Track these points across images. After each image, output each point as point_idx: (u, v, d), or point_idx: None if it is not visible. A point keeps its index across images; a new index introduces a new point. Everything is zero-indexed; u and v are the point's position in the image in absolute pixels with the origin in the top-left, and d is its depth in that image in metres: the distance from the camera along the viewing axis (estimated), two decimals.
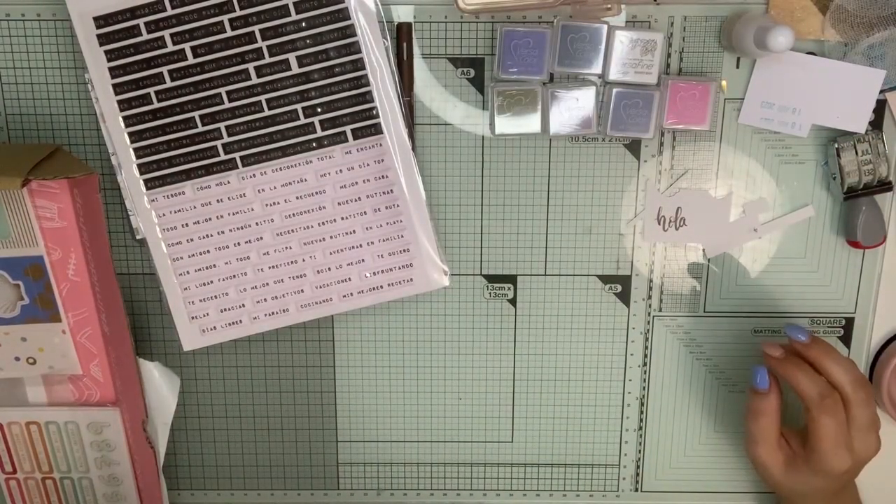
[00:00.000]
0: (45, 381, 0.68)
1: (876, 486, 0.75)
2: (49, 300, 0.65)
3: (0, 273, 0.64)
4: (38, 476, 0.71)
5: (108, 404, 0.69)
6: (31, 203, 0.62)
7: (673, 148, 0.68)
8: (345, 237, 0.66)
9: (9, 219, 0.62)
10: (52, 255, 0.63)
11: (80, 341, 0.66)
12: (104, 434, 0.69)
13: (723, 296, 0.71)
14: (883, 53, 0.64)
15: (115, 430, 0.69)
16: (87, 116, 0.67)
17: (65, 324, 0.66)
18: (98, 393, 0.68)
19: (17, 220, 0.62)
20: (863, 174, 0.67)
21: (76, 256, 0.63)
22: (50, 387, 0.68)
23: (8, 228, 0.62)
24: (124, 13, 0.62)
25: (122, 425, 0.69)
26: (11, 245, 0.63)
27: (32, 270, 0.64)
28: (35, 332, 0.66)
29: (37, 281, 0.64)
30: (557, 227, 0.69)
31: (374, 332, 0.72)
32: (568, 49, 0.63)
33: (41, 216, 0.62)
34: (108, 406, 0.69)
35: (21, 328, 0.66)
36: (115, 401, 0.69)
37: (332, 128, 0.64)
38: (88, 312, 0.65)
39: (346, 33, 0.63)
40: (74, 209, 0.62)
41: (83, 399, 0.69)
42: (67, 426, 0.69)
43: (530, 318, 0.71)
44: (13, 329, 0.65)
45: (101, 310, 0.66)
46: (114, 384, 0.68)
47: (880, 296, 0.71)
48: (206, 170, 0.65)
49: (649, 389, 0.73)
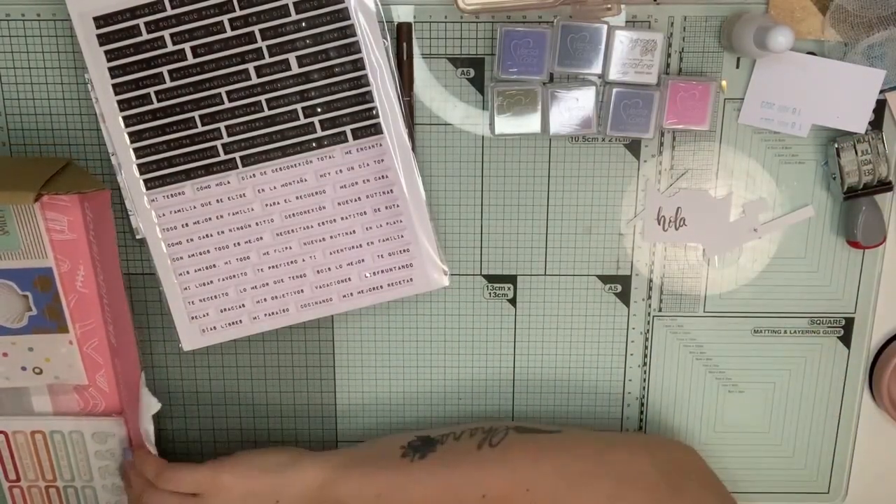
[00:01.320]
0: (50, 390, 0.68)
1: (876, 485, 0.75)
2: (57, 311, 0.65)
3: (9, 284, 0.64)
4: (41, 484, 0.71)
5: (113, 414, 0.69)
6: (41, 215, 0.62)
7: (673, 148, 0.68)
8: (345, 237, 0.66)
9: (19, 231, 0.62)
10: (61, 266, 0.64)
11: (86, 352, 0.66)
12: (108, 444, 0.69)
13: (723, 296, 0.71)
14: (883, 53, 0.64)
15: (120, 439, 0.69)
16: (87, 116, 0.67)
17: (72, 334, 0.66)
18: (103, 403, 0.69)
19: (27, 232, 0.63)
20: (863, 174, 0.67)
21: (85, 268, 0.64)
22: (55, 396, 0.68)
23: (18, 240, 0.63)
24: (124, 13, 0.62)
25: (126, 435, 0.69)
26: (21, 256, 0.63)
27: (41, 282, 0.64)
28: (42, 342, 0.66)
29: (45, 292, 0.64)
30: (557, 227, 0.69)
31: (374, 332, 0.72)
32: (568, 49, 0.63)
33: (51, 228, 0.63)
34: (113, 416, 0.69)
35: (28, 338, 0.66)
36: (120, 411, 0.69)
37: (332, 128, 0.64)
38: (96, 323, 0.66)
39: (346, 33, 0.63)
40: (84, 222, 0.63)
41: (88, 409, 0.69)
42: (72, 435, 0.69)
43: (530, 318, 0.71)
44: (20, 339, 0.66)
45: (108, 321, 0.66)
46: (119, 394, 0.68)
47: (880, 296, 0.71)
48: (206, 170, 0.65)
49: (649, 389, 0.73)
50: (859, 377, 0.73)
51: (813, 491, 0.75)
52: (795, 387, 0.73)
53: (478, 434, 0.66)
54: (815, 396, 0.73)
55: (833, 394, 0.73)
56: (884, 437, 0.74)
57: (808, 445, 0.74)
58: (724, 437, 0.74)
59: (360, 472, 0.65)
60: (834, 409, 0.73)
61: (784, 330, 0.72)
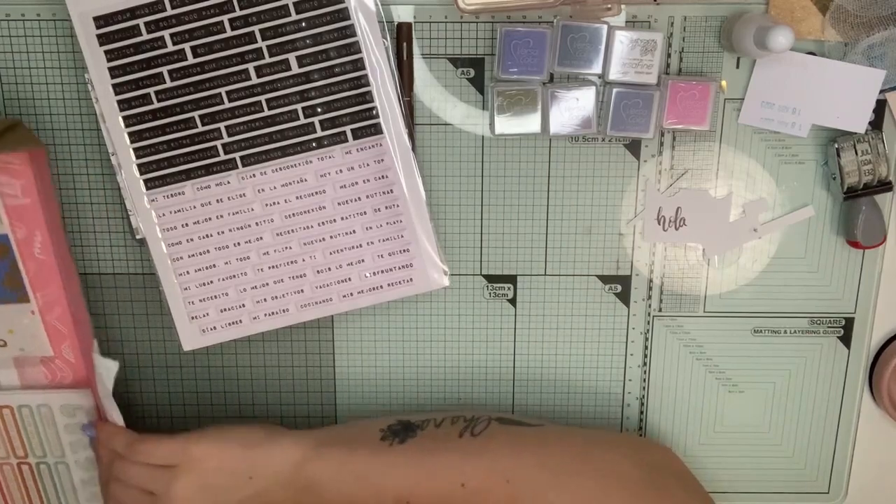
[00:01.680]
0: (16, 363, 0.67)
1: (876, 485, 0.75)
2: (16, 280, 0.63)
3: None
4: (13, 461, 0.70)
5: (80, 386, 0.67)
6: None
7: (673, 148, 0.68)
8: (345, 237, 0.66)
9: None
10: (17, 233, 0.62)
11: (49, 322, 0.65)
12: (78, 417, 0.68)
13: (723, 296, 0.71)
14: (883, 53, 0.64)
15: (88, 412, 0.68)
16: (87, 116, 0.67)
17: (33, 304, 0.64)
18: (71, 374, 0.67)
19: None
20: (863, 174, 0.67)
21: (41, 235, 0.62)
22: (22, 369, 0.67)
23: None
24: (124, 13, 0.62)
25: (95, 407, 0.68)
26: None
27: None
28: (4, 313, 0.65)
29: (2, 261, 0.63)
30: (557, 227, 0.69)
31: (374, 332, 0.72)
32: (568, 49, 0.63)
33: (4, 193, 0.61)
34: (80, 388, 0.67)
35: None
36: (87, 382, 0.67)
37: (332, 128, 0.64)
38: (56, 292, 0.64)
39: (346, 33, 0.63)
40: (37, 186, 0.61)
41: (56, 381, 0.67)
42: (41, 409, 0.68)
43: (530, 318, 0.71)
44: None
45: (67, 288, 0.64)
46: (85, 365, 0.67)
47: (880, 296, 0.71)
48: (206, 170, 0.65)
49: (649, 389, 0.73)
50: (859, 377, 0.73)
51: (813, 491, 0.75)
52: (795, 387, 0.73)
53: (459, 422, 0.65)
54: (815, 396, 0.73)
55: (833, 394, 0.73)
56: (884, 437, 0.74)
57: (808, 445, 0.74)
58: (724, 437, 0.74)
59: (337, 453, 0.64)
60: (834, 409, 0.73)
61: (784, 330, 0.72)
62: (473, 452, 0.63)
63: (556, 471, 0.62)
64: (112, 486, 0.65)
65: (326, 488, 0.63)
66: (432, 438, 0.65)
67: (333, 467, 0.63)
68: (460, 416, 0.66)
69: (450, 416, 0.66)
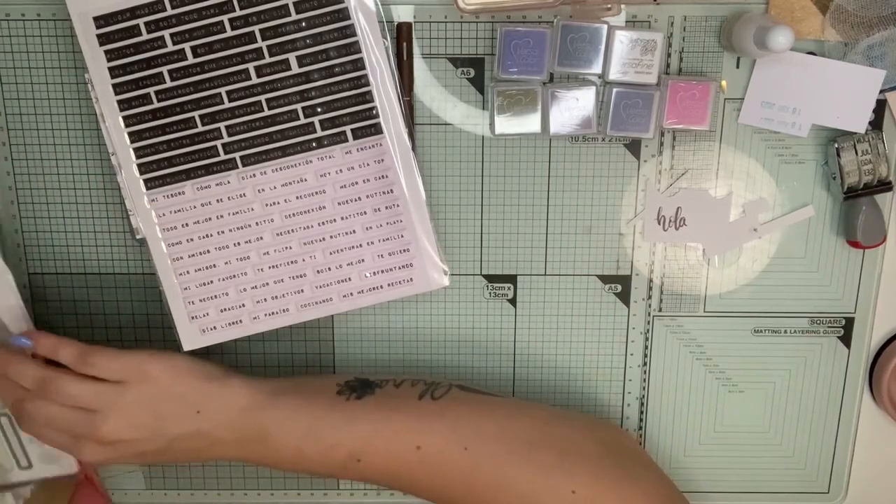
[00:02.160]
0: None
1: (876, 485, 0.75)
2: None
3: None
4: None
5: None
6: None
7: (673, 148, 0.68)
8: (345, 237, 0.66)
9: None
10: None
11: None
12: None
13: (723, 296, 0.71)
14: (883, 53, 0.64)
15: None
16: (87, 116, 0.67)
17: None
18: None
19: None
20: (863, 174, 0.67)
21: None
22: None
23: None
24: (124, 13, 0.62)
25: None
26: None
27: None
28: None
29: None
30: (557, 227, 0.69)
31: (374, 332, 0.72)
32: (568, 49, 0.63)
33: None
34: None
35: None
36: None
37: (332, 128, 0.64)
38: None
39: (346, 33, 0.63)
40: None
41: None
42: None
43: (530, 318, 0.71)
44: None
45: None
46: None
47: (880, 296, 0.71)
48: (206, 170, 0.65)
49: (649, 389, 0.73)
50: (859, 377, 0.73)
51: (813, 491, 0.75)
52: (795, 387, 0.73)
53: (419, 385, 0.64)
54: (815, 396, 0.73)
55: (833, 394, 0.73)
56: (884, 437, 0.74)
57: (808, 445, 0.74)
58: (724, 437, 0.74)
59: (291, 401, 0.62)
60: (834, 409, 0.73)
61: (784, 330, 0.72)
62: (432, 415, 0.61)
63: (515, 442, 0.61)
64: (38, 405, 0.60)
65: (275, 437, 0.61)
66: (391, 397, 0.63)
67: (285, 415, 0.61)
68: (421, 379, 0.65)
69: (410, 379, 0.65)
